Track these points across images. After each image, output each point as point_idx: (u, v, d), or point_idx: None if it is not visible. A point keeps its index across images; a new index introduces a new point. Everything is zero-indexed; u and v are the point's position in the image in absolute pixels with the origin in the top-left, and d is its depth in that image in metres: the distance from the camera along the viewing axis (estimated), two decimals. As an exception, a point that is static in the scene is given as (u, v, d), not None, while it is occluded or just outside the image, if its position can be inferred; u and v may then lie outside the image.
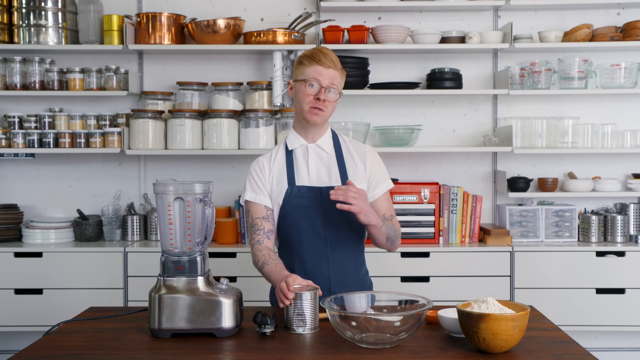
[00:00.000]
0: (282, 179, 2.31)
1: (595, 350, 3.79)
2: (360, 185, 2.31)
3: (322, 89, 2.24)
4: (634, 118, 3.91)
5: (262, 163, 2.36)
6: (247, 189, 2.34)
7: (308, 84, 2.25)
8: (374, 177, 2.35)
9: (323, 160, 2.34)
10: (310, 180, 2.31)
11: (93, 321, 2.10)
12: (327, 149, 2.35)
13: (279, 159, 2.35)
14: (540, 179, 3.78)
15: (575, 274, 3.53)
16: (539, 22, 3.89)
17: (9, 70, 3.72)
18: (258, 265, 2.25)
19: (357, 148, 2.39)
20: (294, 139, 2.35)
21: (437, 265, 3.52)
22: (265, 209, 2.31)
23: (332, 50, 3.65)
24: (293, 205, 2.28)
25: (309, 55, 2.27)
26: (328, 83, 2.24)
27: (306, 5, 3.89)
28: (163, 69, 3.92)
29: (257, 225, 2.30)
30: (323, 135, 2.36)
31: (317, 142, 2.34)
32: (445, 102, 3.93)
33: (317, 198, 2.28)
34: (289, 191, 2.29)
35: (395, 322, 1.78)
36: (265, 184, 2.32)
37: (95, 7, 3.74)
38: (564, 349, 1.80)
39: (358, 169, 2.34)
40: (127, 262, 3.51)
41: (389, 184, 2.39)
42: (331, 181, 2.31)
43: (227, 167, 3.93)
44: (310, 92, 2.25)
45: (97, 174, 3.93)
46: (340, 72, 2.29)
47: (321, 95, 2.24)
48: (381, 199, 2.36)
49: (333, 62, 2.26)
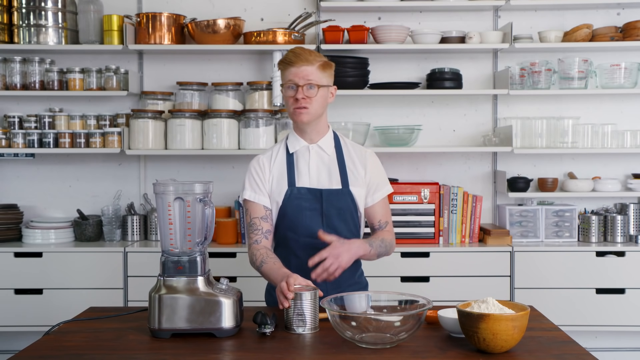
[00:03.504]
0: (282, 179, 2.31)
1: (595, 350, 3.79)
2: (359, 189, 2.32)
3: (300, 88, 2.24)
4: (634, 118, 3.91)
5: (263, 162, 2.35)
6: (247, 187, 2.34)
7: (287, 87, 2.27)
8: (373, 181, 2.36)
9: (324, 161, 2.34)
10: (310, 181, 2.31)
11: (93, 321, 2.10)
12: (328, 150, 2.35)
13: (280, 158, 2.35)
14: (540, 179, 3.78)
15: (575, 274, 3.53)
16: (539, 22, 3.89)
17: (9, 70, 3.72)
18: (256, 264, 2.25)
19: (358, 151, 2.39)
20: (294, 141, 2.35)
21: (437, 265, 3.52)
22: (264, 209, 2.32)
23: (332, 50, 3.73)
24: (292, 206, 2.28)
25: (282, 60, 2.29)
26: (303, 81, 2.24)
27: (306, 5, 3.89)
28: (163, 69, 3.92)
29: (255, 224, 2.30)
30: (324, 136, 2.36)
31: (318, 143, 2.34)
32: (445, 102, 3.93)
33: (317, 200, 2.28)
34: (289, 192, 2.29)
35: (395, 322, 1.78)
36: (264, 183, 2.32)
37: (95, 7, 3.74)
38: (564, 349, 1.80)
39: (358, 173, 2.34)
40: (127, 262, 3.51)
41: (388, 189, 2.40)
42: (331, 183, 2.31)
43: (227, 167, 3.93)
44: (291, 95, 2.26)
45: (97, 174, 3.93)
46: (319, 66, 2.26)
47: (299, 95, 2.24)
48: (379, 204, 2.37)
49: (306, 59, 2.24)
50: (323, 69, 2.28)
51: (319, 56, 2.29)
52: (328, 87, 2.31)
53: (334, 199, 2.29)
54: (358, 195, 2.33)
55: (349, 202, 2.31)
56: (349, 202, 2.31)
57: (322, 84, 2.27)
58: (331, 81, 2.33)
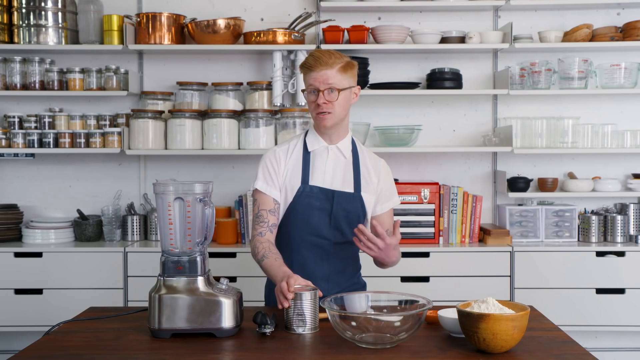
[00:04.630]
0: (295, 175, 2.31)
1: (595, 350, 3.79)
2: (370, 196, 2.34)
3: (321, 92, 2.23)
4: (634, 118, 3.91)
5: (279, 155, 2.34)
6: (260, 177, 2.32)
7: (308, 92, 2.27)
8: (384, 192, 2.38)
9: (340, 163, 2.34)
10: (324, 181, 2.31)
11: (93, 321, 2.10)
12: (346, 153, 2.35)
13: (296, 154, 2.33)
14: (540, 179, 3.78)
15: (575, 274, 3.53)
16: (539, 22, 3.89)
17: (9, 70, 3.72)
18: (257, 257, 2.24)
19: (373, 160, 2.40)
20: (313, 140, 2.35)
21: (437, 265, 3.52)
22: (274, 202, 2.31)
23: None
24: (303, 204, 2.28)
25: (303, 64, 2.28)
26: (324, 86, 2.23)
27: (306, 5, 3.89)
28: (163, 69, 3.92)
29: (262, 216, 2.29)
30: (343, 139, 2.36)
31: (337, 145, 2.34)
32: (445, 102, 3.93)
33: (328, 200, 2.28)
34: (301, 189, 2.29)
35: (395, 322, 1.78)
36: (278, 176, 2.31)
37: (95, 7, 3.74)
38: (564, 349, 1.80)
39: (371, 181, 2.36)
40: (127, 262, 3.51)
41: (397, 201, 2.44)
42: (344, 187, 2.31)
43: (227, 167, 3.93)
44: (312, 100, 2.26)
45: (97, 174, 3.93)
46: (339, 69, 2.24)
47: (320, 100, 2.23)
48: (387, 214, 2.40)
49: (326, 62, 2.22)
50: (344, 71, 2.25)
51: (340, 57, 2.26)
52: (350, 89, 2.29)
53: (344, 202, 2.29)
54: (368, 202, 2.34)
55: (358, 207, 2.32)
56: (358, 207, 2.32)
57: (343, 86, 2.25)
58: (354, 81, 2.31)
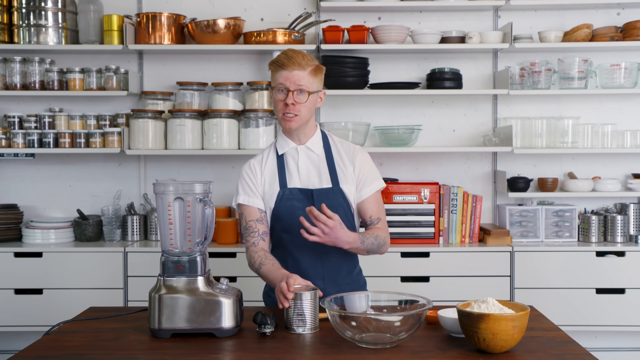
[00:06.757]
0: (274, 182, 2.32)
1: (595, 350, 3.79)
2: (349, 187, 2.31)
3: (290, 92, 2.22)
4: (634, 118, 3.91)
5: (254, 166, 2.35)
6: (240, 192, 2.34)
7: (276, 90, 2.25)
8: (362, 177, 2.34)
9: (313, 161, 2.34)
10: (301, 182, 2.31)
11: (93, 321, 2.10)
12: (317, 150, 2.35)
13: (270, 161, 2.35)
14: (540, 179, 3.78)
15: (575, 274, 3.53)
16: (539, 22, 3.89)
17: (9, 70, 3.72)
18: (254, 267, 2.26)
19: (346, 149, 2.38)
20: (283, 143, 2.35)
21: (437, 265, 3.52)
22: (259, 211, 2.32)
23: (332, 50, 3.73)
24: (286, 207, 2.29)
25: (274, 61, 2.26)
26: (295, 86, 2.22)
27: (306, 5, 3.89)
28: (163, 69, 3.92)
29: (251, 227, 2.31)
30: (312, 136, 2.35)
31: (306, 144, 2.34)
32: (445, 102, 3.93)
33: (309, 199, 2.28)
34: (281, 193, 2.30)
35: (395, 322, 1.78)
36: (257, 187, 2.33)
37: (95, 7, 3.74)
38: (564, 349, 1.80)
39: (347, 170, 2.33)
40: (127, 262, 3.51)
41: (379, 184, 2.36)
42: (322, 183, 2.31)
43: (227, 167, 3.92)
44: (280, 98, 2.24)
45: (97, 174, 3.93)
46: (311, 71, 2.24)
47: (289, 100, 2.22)
48: (369, 200, 2.34)
49: (298, 63, 2.22)
50: (314, 74, 2.26)
51: (311, 60, 2.26)
52: (318, 92, 2.30)
53: (325, 198, 2.28)
54: (349, 193, 2.32)
55: (340, 200, 2.30)
56: (341, 200, 2.31)
57: (313, 89, 2.26)
58: (321, 85, 2.32)
